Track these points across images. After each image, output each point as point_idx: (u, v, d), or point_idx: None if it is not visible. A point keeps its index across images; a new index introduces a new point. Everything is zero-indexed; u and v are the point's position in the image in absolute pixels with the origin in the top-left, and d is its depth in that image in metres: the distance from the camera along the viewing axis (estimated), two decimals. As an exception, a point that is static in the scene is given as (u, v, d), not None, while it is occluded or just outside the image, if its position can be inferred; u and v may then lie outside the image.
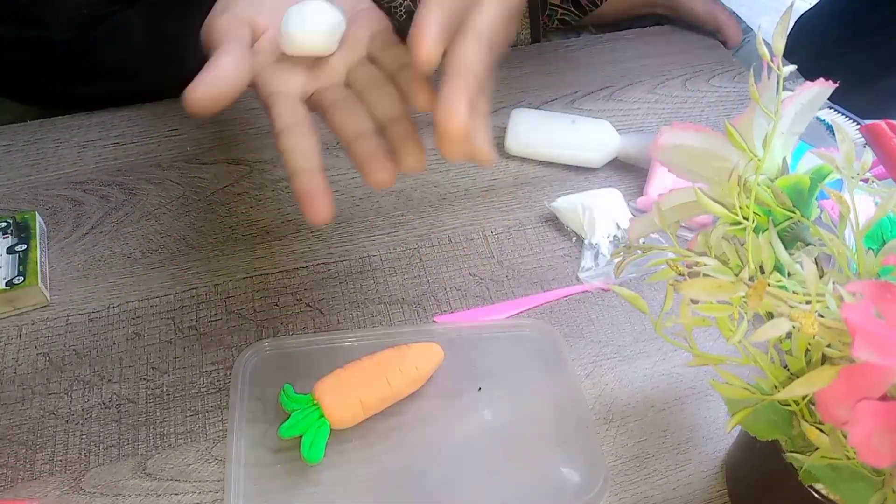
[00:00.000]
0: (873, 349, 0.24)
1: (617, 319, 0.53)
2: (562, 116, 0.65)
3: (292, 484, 0.43)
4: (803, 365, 0.31)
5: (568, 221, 0.59)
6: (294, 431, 0.42)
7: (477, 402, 0.47)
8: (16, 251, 0.52)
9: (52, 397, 0.47)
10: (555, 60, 0.77)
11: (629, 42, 0.80)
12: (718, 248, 0.33)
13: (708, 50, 0.80)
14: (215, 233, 0.58)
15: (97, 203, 0.59)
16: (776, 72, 0.32)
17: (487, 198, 0.62)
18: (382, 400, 0.45)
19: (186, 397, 0.48)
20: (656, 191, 0.60)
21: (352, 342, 0.50)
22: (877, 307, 0.25)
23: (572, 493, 0.43)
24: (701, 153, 0.35)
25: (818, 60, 0.47)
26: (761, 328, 0.27)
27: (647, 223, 0.38)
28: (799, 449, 0.34)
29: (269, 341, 0.49)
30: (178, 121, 0.66)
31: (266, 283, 0.54)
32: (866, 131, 0.35)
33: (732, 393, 0.32)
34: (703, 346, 0.51)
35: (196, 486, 0.43)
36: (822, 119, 0.69)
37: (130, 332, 0.51)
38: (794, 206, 0.33)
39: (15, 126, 0.66)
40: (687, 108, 0.72)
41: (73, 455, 0.45)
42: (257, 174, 0.62)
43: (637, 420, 0.48)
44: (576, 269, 0.56)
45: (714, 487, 0.45)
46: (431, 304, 0.54)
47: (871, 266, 0.31)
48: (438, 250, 0.58)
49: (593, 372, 0.50)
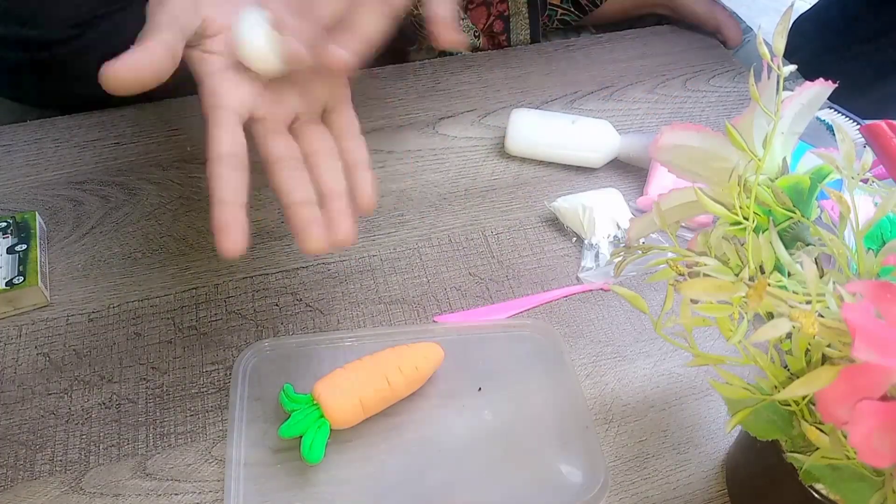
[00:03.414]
0: (873, 349, 0.24)
1: (617, 319, 0.53)
2: (562, 116, 0.65)
3: (292, 484, 0.43)
4: (803, 365, 0.31)
5: (568, 221, 0.59)
6: (294, 431, 0.42)
7: (477, 402, 0.47)
8: (16, 251, 0.52)
9: (52, 397, 0.47)
10: (555, 60, 0.77)
11: (629, 42, 0.80)
12: (718, 248, 0.33)
13: (708, 50, 0.80)
14: (215, 233, 0.58)
15: (97, 203, 0.59)
16: (776, 72, 0.32)
17: (487, 198, 0.62)
18: (382, 400, 0.45)
19: (186, 397, 0.48)
20: (656, 191, 0.60)
21: (352, 342, 0.50)
22: (877, 307, 0.25)
23: (572, 493, 0.43)
24: (701, 153, 0.35)
25: (813, 66, 0.47)
26: (761, 328, 0.27)
27: (647, 223, 0.38)
28: (799, 449, 0.34)
29: (269, 341, 0.49)
30: (178, 121, 0.66)
31: (266, 283, 0.54)
32: (866, 131, 0.35)
33: (732, 393, 0.32)
34: (703, 346, 0.51)
35: (196, 486, 0.43)
36: (822, 119, 0.69)
37: (130, 332, 0.51)
38: (794, 206, 0.33)
39: (15, 126, 0.66)
40: (687, 108, 0.72)
41: (73, 455, 0.45)
42: (257, 174, 0.62)
43: (637, 420, 0.48)
44: (576, 269, 0.56)
45: (714, 487, 0.45)
46: (431, 304, 0.54)
47: (871, 266, 0.31)
48: (438, 250, 0.58)
49: (593, 372, 0.50)
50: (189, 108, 0.68)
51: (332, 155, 0.42)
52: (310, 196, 0.39)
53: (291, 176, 0.40)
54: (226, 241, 0.36)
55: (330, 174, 0.41)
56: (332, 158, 0.42)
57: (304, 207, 0.39)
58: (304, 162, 0.41)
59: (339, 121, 0.44)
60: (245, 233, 0.37)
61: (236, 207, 0.37)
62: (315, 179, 0.41)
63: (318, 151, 0.42)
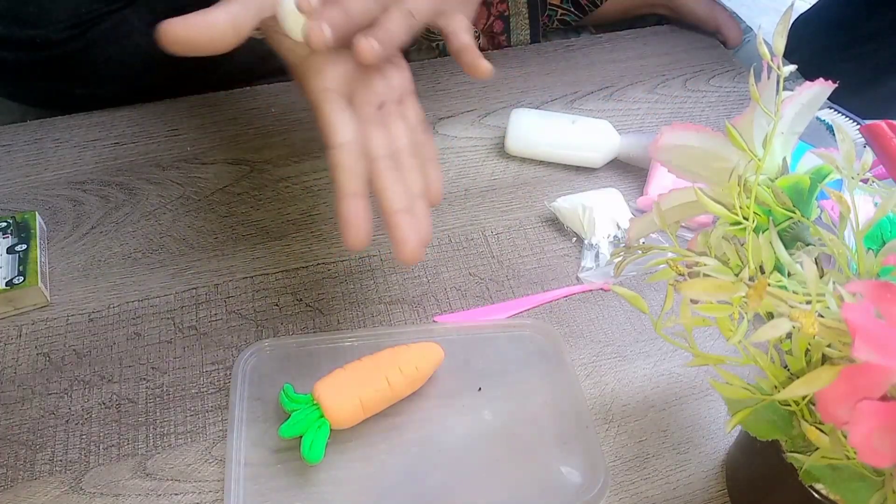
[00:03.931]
0: (873, 349, 0.24)
1: (617, 319, 0.53)
2: (562, 116, 0.65)
3: (292, 484, 0.43)
4: (803, 365, 0.31)
5: (568, 221, 0.59)
6: (294, 431, 0.42)
7: (477, 402, 0.47)
8: (16, 251, 0.52)
9: (52, 397, 0.47)
10: (555, 60, 0.77)
11: (629, 42, 0.80)
12: (718, 248, 0.33)
13: (708, 50, 0.80)
14: (215, 233, 0.58)
15: (97, 203, 0.59)
16: (776, 72, 0.32)
17: (487, 198, 0.62)
18: (382, 400, 0.45)
19: (186, 397, 0.48)
20: (656, 191, 0.60)
21: (352, 342, 0.50)
22: (877, 307, 0.25)
23: (572, 493, 0.43)
24: (701, 153, 0.35)
25: (813, 66, 0.47)
26: (761, 328, 0.27)
27: (647, 223, 0.38)
28: (799, 449, 0.34)
29: (269, 341, 0.49)
30: (178, 121, 0.66)
31: (266, 283, 0.54)
32: (866, 131, 0.35)
33: (732, 393, 0.32)
34: (703, 346, 0.51)
35: (196, 486, 0.43)
36: (822, 119, 0.69)
37: (130, 332, 0.51)
38: (794, 206, 0.33)
39: (15, 126, 0.66)
40: (687, 108, 0.72)
41: (73, 455, 0.45)
42: (257, 174, 0.62)
43: (637, 420, 0.48)
44: (576, 269, 0.56)
45: (714, 487, 0.45)
46: (431, 304, 0.54)
47: (871, 266, 0.31)
48: (438, 250, 0.57)
49: (593, 372, 0.50)
50: (189, 108, 0.68)
51: (413, 153, 0.42)
52: (409, 203, 0.40)
53: (392, 179, 0.40)
54: (353, 235, 0.37)
55: (413, 174, 0.41)
56: (413, 157, 0.42)
57: (405, 216, 0.39)
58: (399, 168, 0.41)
59: (411, 113, 0.44)
60: (371, 225, 0.37)
61: (362, 199, 0.38)
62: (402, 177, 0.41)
63: (403, 150, 0.42)
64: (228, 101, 0.69)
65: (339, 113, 0.39)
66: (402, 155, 0.42)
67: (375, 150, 0.40)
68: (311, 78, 0.40)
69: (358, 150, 0.39)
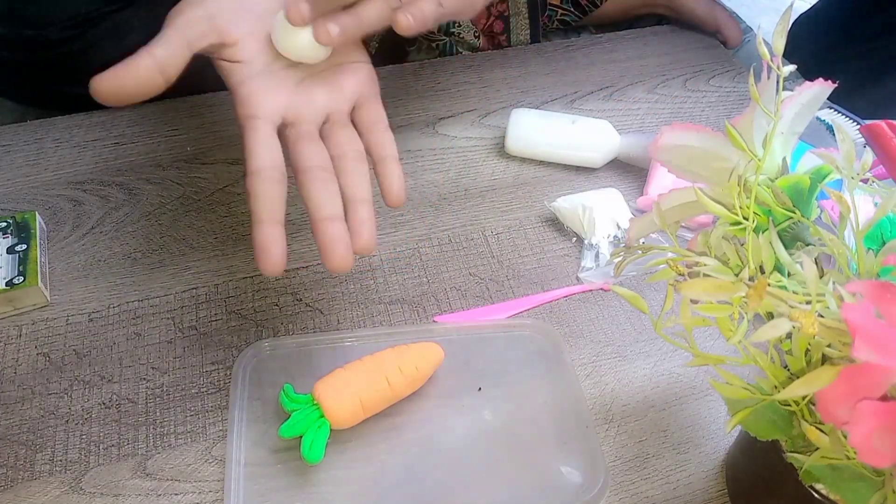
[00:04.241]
0: (873, 349, 0.24)
1: (617, 319, 0.53)
2: (562, 116, 0.65)
3: (292, 484, 0.43)
4: (803, 365, 0.31)
5: (568, 221, 0.59)
6: (294, 431, 0.42)
7: (477, 402, 0.47)
8: (16, 251, 0.52)
9: (52, 397, 0.47)
10: (555, 60, 0.77)
11: (629, 42, 0.80)
12: (718, 248, 0.33)
13: (708, 50, 0.80)
14: (215, 233, 0.58)
15: (97, 203, 0.59)
16: (776, 72, 0.32)
17: (487, 198, 0.62)
18: (382, 400, 0.45)
19: (186, 397, 0.48)
20: (656, 191, 0.60)
21: (352, 342, 0.50)
22: (877, 307, 0.25)
23: (572, 493, 0.43)
24: (701, 153, 0.35)
25: (813, 65, 0.47)
26: (761, 328, 0.27)
27: (647, 223, 0.38)
28: (799, 449, 0.34)
29: (269, 341, 0.49)
30: (178, 121, 0.66)
31: (266, 283, 0.54)
32: (866, 131, 0.35)
33: (732, 393, 0.32)
34: (703, 346, 0.51)
35: (196, 486, 0.43)
36: (822, 119, 0.69)
37: (130, 332, 0.51)
38: (794, 206, 0.33)
39: (15, 126, 0.66)
40: (687, 108, 0.72)
41: (73, 455, 0.45)
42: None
43: (637, 420, 0.48)
44: (576, 269, 0.56)
45: (714, 487, 0.45)
46: (431, 304, 0.54)
47: (871, 266, 0.31)
48: (438, 250, 0.57)
49: (593, 372, 0.50)
50: (189, 108, 0.68)
51: (359, 159, 0.42)
52: (338, 211, 0.39)
53: (321, 188, 0.40)
54: (266, 262, 0.37)
55: (356, 179, 0.41)
56: (360, 163, 0.42)
57: (333, 224, 0.39)
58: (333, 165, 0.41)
59: (367, 116, 0.44)
60: (284, 251, 0.37)
61: (275, 226, 0.38)
62: (342, 184, 0.41)
63: (346, 155, 0.42)
64: (228, 101, 0.68)
65: (259, 140, 0.40)
66: (344, 161, 0.41)
67: (304, 162, 0.40)
68: (239, 105, 0.41)
69: (275, 176, 0.39)
